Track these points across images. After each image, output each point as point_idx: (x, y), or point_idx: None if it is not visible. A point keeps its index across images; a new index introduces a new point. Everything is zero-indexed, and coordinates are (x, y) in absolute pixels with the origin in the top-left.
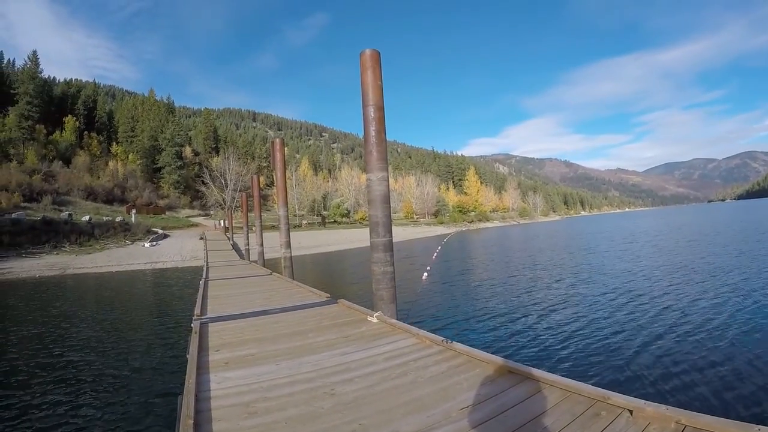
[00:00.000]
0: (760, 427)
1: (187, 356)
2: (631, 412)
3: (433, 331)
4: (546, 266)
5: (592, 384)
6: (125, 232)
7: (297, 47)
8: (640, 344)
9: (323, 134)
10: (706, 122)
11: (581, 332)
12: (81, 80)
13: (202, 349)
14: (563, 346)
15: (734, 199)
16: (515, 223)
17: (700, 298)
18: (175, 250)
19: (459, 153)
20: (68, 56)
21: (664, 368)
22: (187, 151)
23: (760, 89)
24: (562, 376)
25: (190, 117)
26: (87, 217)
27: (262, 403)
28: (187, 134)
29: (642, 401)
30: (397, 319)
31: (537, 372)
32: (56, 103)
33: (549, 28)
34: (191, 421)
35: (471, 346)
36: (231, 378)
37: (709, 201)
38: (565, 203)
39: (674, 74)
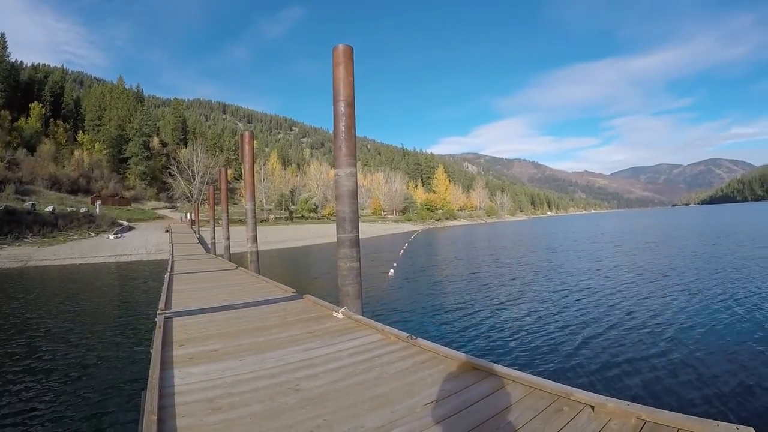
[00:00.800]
0: (718, 422)
1: (151, 351)
2: (593, 407)
3: (399, 327)
4: (510, 264)
5: (555, 380)
6: (89, 223)
7: (271, 40)
8: (602, 341)
9: (293, 128)
10: (674, 129)
11: (544, 329)
12: (49, 65)
13: (166, 343)
14: (527, 342)
15: (698, 204)
16: (482, 221)
17: (659, 297)
18: (141, 242)
19: (428, 151)
20: (37, 40)
21: (626, 365)
22: (155, 142)
23: (727, 99)
24: (525, 372)
25: (159, 107)
26: (51, 208)
27: (226, 398)
28: (156, 124)
29: (604, 397)
30: (363, 315)
31: (500, 368)
32: (22, 89)
33: (525, 31)
34: (155, 417)
35: (436, 342)
36: (195, 373)
37: (674, 205)
38: (532, 203)
39: (645, 81)
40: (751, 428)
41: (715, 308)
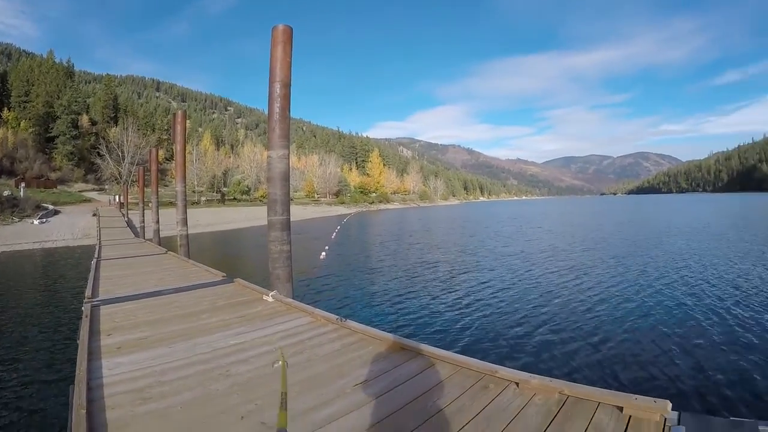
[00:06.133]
0: (637, 396)
1: (78, 341)
2: (517, 384)
3: (329, 310)
4: (438, 246)
5: (481, 359)
6: (13, 207)
7: (214, 15)
8: (525, 320)
9: (228, 108)
10: (607, 122)
11: (470, 309)
12: None
13: (93, 333)
14: (454, 322)
15: (625, 193)
16: (415, 205)
17: (577, 278)
18: (67, 227)
19: (364, 134)
20: None
21: (548, 342)
22: (84, 120)
23: (659, 97)
24: (452, 352)
25: (90, 83)
26: None
27: (157, 387)
28: (86, 101)
29: (527, 374)
30: (294, 299)
31: (428, 348)
32: None
33: (469, 20)
34: (84, 411)
35: (365, 324)
36: (124, 363)
37: (602, 194)
38: (465, 188)
39: (583, 76)
40: (668, 401)
41: (632, 287)
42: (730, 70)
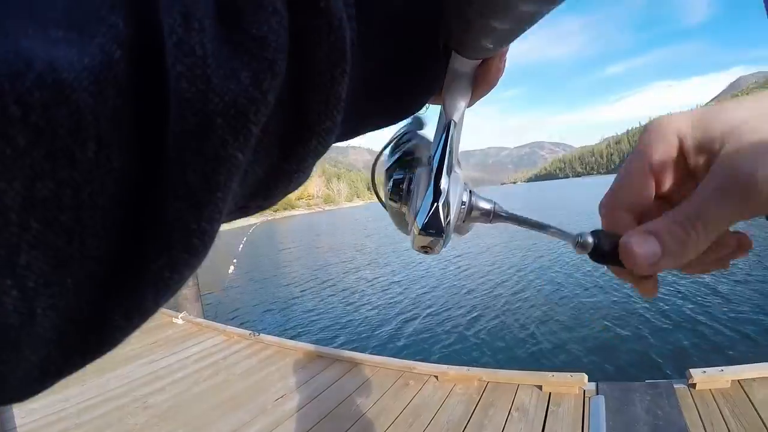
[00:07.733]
0: (553, 372)
1: None
2: (436, 377)
3: (243, 326)
4: (351, 253)
5: (401, 358)
6: None
7: None
8: (438, 316)
9: None
10: (501, 116)
11: (385, 312)
12: None
13: None
14: (370, 324)
15: (524, 181)
16: (320, 209)
17: (478, 266)
18: None
19: None
20: None
21: (463, 332)
22: None
23: (550, 91)
24: (369, 354)
25: None
26: None
27: (75, 430)
28: None
29: (445, 366)
30: (204, 318)
31: (345, 353)
32: None
33: None
34: None
35: (280, 336)
36: (37, 409)
37: (502, 183)
38: (369, 189)
39: None
40: (584, 373)
41: (529, 267)
42: (612, 64)
